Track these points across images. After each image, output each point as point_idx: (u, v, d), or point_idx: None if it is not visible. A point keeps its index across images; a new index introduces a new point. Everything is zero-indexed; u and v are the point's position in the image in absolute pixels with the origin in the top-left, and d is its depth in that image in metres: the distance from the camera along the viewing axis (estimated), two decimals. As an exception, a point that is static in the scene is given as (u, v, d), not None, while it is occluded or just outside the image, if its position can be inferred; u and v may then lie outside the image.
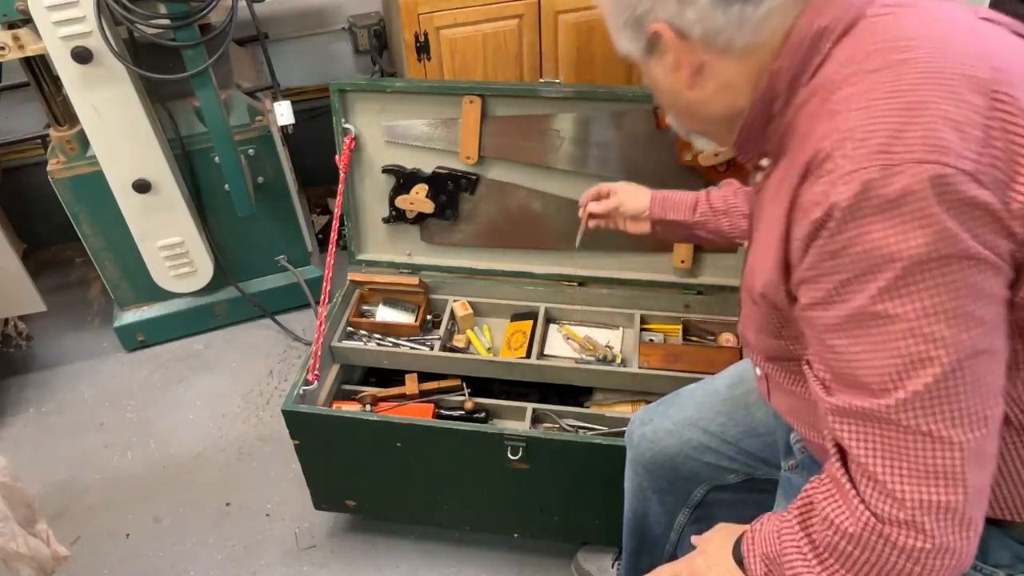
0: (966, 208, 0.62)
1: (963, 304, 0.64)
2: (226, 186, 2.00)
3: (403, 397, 1.65)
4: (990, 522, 0.79)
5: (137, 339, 2.25)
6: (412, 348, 1.69)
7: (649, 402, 1.46)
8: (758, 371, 0.97)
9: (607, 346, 1.67)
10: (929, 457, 0.66)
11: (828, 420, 0.72)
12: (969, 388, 0.65)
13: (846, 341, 0.68)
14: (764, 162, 0.82)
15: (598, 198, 1.39)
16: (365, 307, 1.79)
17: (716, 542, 0.87)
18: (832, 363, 0.71)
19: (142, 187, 1.91)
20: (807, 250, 0.69)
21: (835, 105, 0.70)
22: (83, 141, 1.89)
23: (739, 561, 0.82)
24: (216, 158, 1.95)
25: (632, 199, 1.36)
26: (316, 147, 2.31)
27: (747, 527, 0.84)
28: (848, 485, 0.71)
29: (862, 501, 0.69)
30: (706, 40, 0.76)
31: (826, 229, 0.66)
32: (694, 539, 0.92)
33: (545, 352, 1.68)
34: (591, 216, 1.40)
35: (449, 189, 1.67)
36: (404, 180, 1.68)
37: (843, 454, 0.72)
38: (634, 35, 0.80)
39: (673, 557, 1.30)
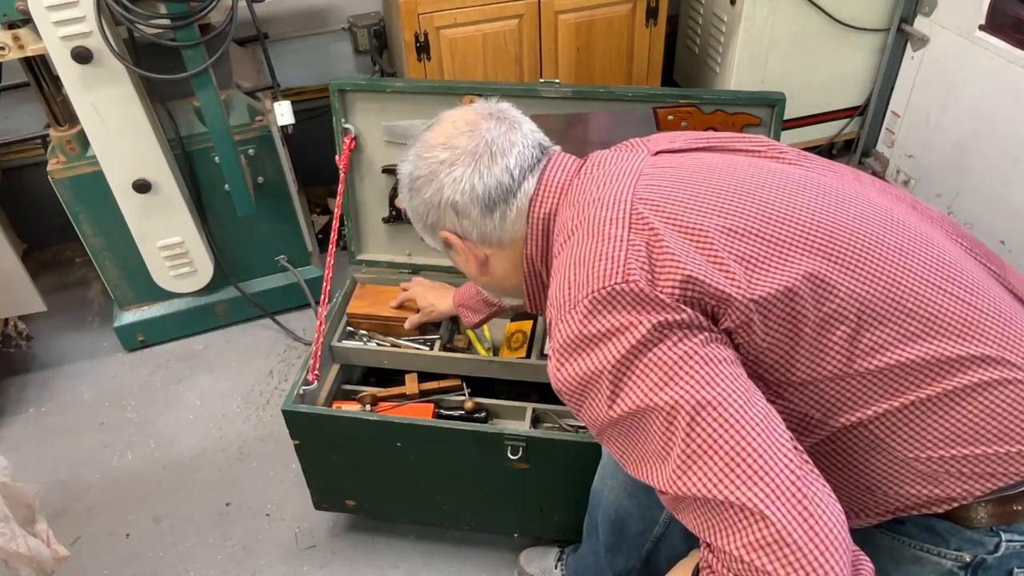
0: (628, 303, 0.78)
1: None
2: (226, 186, 2.00)
3: (403, 397, 1.66)
4: (940, 516, 0.87)
5: (137, 339, 2.25)
6: (412, 348, 1.69)
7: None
8: None
9: (607, 346, 1.66)
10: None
11: None
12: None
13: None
14: None
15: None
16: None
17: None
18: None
19: (142, 187, 1.91)
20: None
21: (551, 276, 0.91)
22: (83, 141, 1.89)
23: None
24: (216, 158, 1.95)
25: (437, 303, 1.63)
26: (316, 147, 2.31)
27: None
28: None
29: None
30: (483, 239, 1.00)
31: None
32: None
33: (545, 352, 1.68)
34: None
35: (449, 189, 1.66)
36: (404, 180, 1.68)
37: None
38: (431, 238, 1.04)
39: (655, 549, 1.29)
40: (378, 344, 1.71)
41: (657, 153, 0.99)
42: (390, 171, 1.67)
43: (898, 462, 0.85)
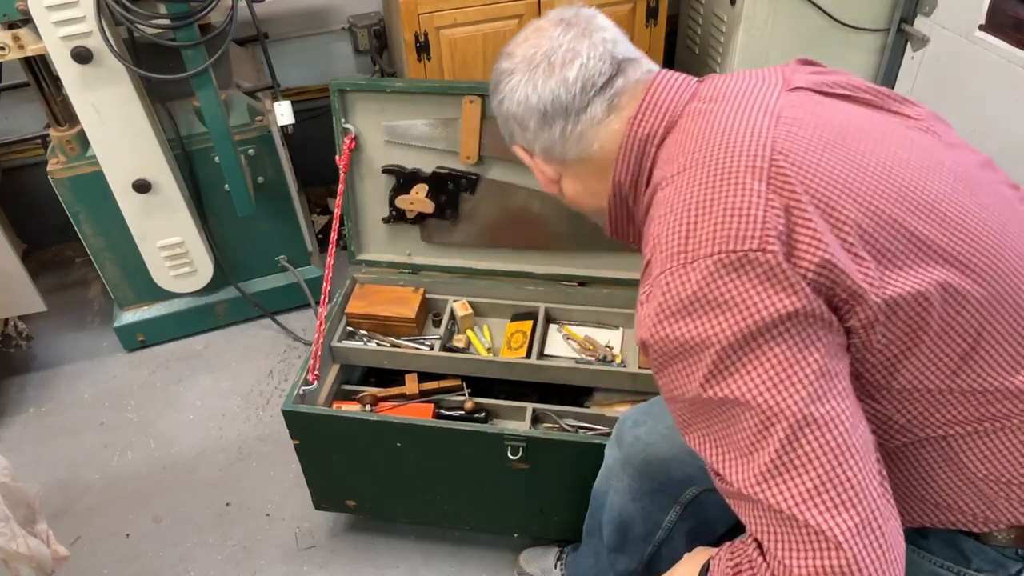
0: (760, 275, 0.70)
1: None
2: (226, 186, 2.00)
3: (403, 397, 1.66)
4: (968, 534, 0.83)
5: (137, 339, 2.25)
6: (412, 348, 1.69)
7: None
8: None
9: (607, 346, 1.67)
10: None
11: None
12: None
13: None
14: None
15: None
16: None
17: (682, 572, 0.89)
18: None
19: (142, 187, 1.91)
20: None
21: (654, 210, 0.81)
22: (83, 141, 1.89)
23: None
24: (216, 158, 1.95)
25: None
26: (316, 147, 2.31)
27: (714, 552, 0.84)
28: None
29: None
30: (546, 154, 0.94)
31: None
32: None
33: (545, 352, 1.68)
34: None
35: (449, 189, 1.67)
36: (404, 180, 1.68)
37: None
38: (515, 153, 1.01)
39: (657, 554, 1.30)
40: (378, 344, 1.71)
41: (795, 89, 0.87)
42: (390, 171, 1.67)
43: (965, 479, 0.81)
